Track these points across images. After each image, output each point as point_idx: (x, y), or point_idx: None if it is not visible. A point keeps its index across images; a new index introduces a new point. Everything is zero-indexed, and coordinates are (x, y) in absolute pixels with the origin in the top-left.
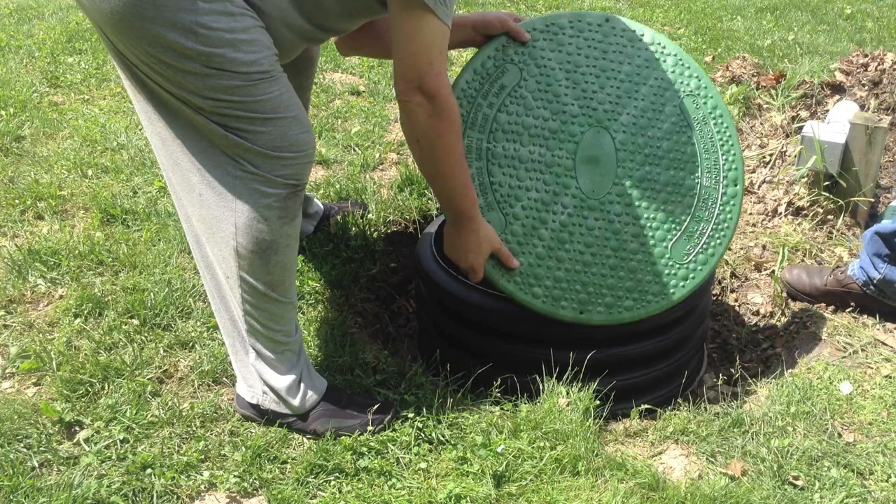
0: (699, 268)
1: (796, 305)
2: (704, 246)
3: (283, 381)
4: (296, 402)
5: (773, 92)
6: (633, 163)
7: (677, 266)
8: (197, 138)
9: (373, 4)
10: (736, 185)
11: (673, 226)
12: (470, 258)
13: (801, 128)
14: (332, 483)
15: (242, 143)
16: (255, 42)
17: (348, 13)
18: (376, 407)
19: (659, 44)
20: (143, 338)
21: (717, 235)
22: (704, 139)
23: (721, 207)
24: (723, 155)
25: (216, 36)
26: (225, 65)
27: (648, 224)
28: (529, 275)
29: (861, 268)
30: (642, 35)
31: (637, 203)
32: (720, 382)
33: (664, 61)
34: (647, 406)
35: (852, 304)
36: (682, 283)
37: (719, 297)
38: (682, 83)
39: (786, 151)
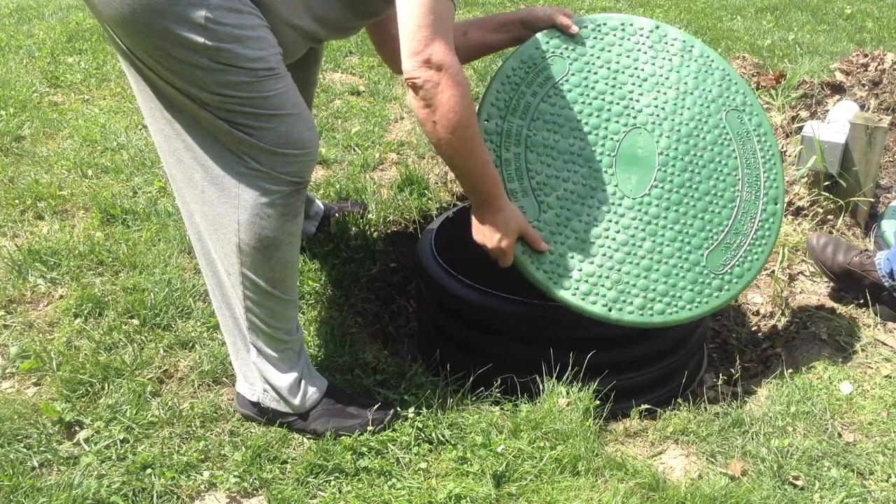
0: (734, 280)
1: (796, 305)
2: (741, 259)
3: (284, 380)
4: (296, 401)
5: (773, 92)
6: (673, 168)
7: (712, 276)
8: (202, 134)
9: (377, 2)
10: (776, 204)
11: (710, 234)
12: (497, 240)
13: (801, 128)
14: (332, 483)
15: (247, 139)
16: (262, 39)
17: (351, 9)
18: (376, 407)
19: (707, 56)
20: (143, 338)
21: (754, 250)
22: (747, 154)
23: (760, 224)
24: (764, 172)
25: (225, 31)
26: (233, 60)
27: (685, 230)
28: (559, 265)
29: (888, 259)
30: (692, 47)
31: (675, 208)
32: (720, 382)
33: (712, 74)
34: (647, 406)
35: (865, 289)
36: (715, 294)
37: None
38: (728, 97)
39: (786, 151)
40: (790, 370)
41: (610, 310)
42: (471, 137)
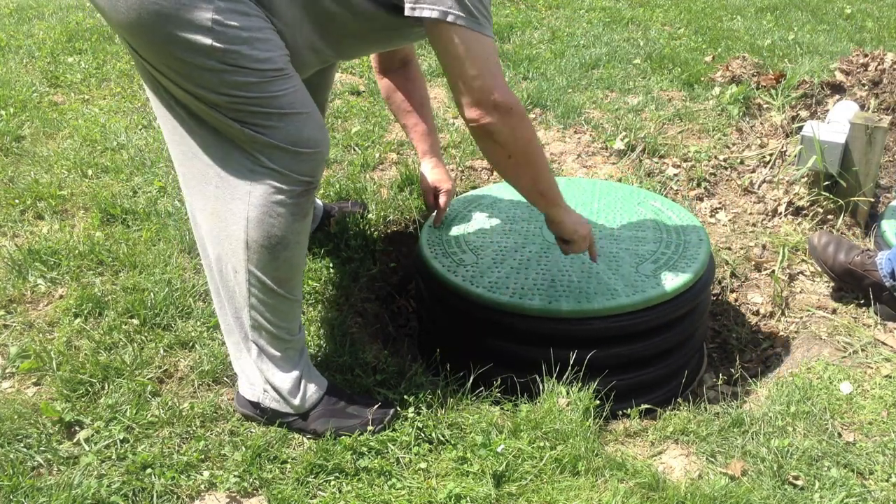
0: (678, 274)
1: (796, 305)
2: (675, 263)
3: (285, 380)
4: (297, 400)
5: (773, 92)
6: (597, 230)
7: (646, 277)
8: (214, 133)
9: (391, 35)
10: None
11: (638, 257)
12: (586, 225)
13: (801, 128)
14: (332, 483)
15: (260, 137)
16: (269, 41)
17: (364, 37)
18: (376, 407)
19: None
20: (143, 338)
21: (687, 255)
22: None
23: (687, 237)
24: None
25: (232, 33)
26: (240, 61)
27: (614, 257)
28: (497, 283)
29: (889, 259)
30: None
31: (602, 247)
32: (720, 382)
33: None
34: (647, 406)
35: (866, 289)
36: (653, 286)
37: (719, 297)
38: (636, 196)
39: (786, 151)
40: (790, 370)
41: (549, 303)
42: (543, 155)
